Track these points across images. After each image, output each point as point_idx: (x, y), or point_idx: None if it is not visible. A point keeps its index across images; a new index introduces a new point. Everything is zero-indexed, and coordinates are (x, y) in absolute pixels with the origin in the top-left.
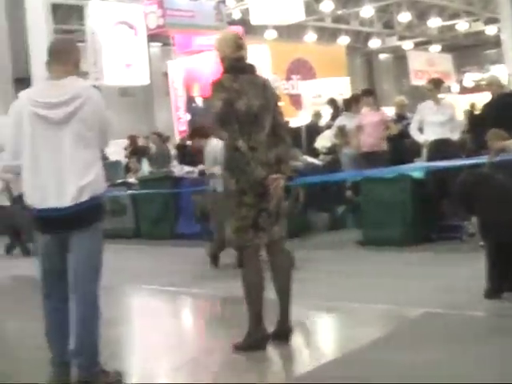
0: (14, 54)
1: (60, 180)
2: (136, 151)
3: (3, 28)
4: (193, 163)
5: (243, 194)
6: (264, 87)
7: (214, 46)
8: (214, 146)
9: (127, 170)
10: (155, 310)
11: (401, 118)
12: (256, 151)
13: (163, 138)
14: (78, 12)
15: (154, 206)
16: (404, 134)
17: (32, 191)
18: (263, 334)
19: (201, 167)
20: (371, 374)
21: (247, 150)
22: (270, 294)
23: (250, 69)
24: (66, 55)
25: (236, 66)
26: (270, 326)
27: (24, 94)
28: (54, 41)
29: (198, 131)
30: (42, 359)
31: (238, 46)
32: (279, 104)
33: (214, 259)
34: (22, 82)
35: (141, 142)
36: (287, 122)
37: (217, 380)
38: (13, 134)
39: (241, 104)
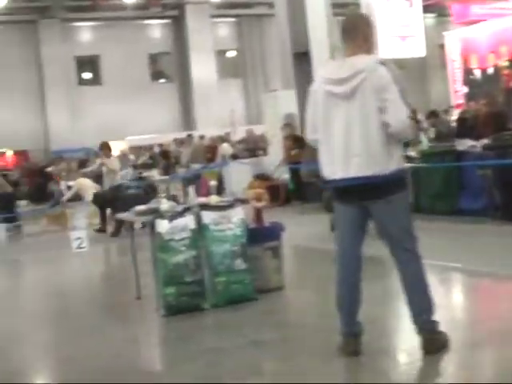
0: (294, 28)
1: (347, 153)
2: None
3: (283, 3)
4: (473, 137)
5: None
6: None
7: None
8: None
9: (406, 144)
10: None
11: None
12: None
13: (441, 112)
14: None
15: (435, 180)
16: None
17: (325, 164)
18: None
19: (483, 141)
20: None
21: None
22: None
23: None
24: (354, 31)
25: None
26: None
27: (319, 73)
28: (344, 18)
29: None
30: (326, 328)
31: None
32: None
33: None
34: (301, 56)
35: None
36: None
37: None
38: (310, 111)
39: None
